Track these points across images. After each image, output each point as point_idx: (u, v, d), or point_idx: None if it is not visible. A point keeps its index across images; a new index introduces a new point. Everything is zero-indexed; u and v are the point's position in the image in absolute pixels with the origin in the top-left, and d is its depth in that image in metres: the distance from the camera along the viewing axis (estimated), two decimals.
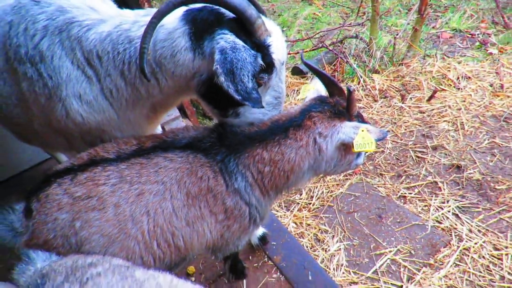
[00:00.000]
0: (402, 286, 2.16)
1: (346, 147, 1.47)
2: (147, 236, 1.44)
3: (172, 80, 1.43)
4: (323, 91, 1.67)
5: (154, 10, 1.46)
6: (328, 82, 1.58)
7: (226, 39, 1.25)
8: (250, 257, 2.24)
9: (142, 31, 1.37)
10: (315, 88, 1.68)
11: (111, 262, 1.11)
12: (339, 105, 1.52)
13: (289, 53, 4.86)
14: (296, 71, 4.48)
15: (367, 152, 1.57)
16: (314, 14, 6.26)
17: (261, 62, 1.29)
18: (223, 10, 1.30)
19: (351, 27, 5.08)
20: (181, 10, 1.36)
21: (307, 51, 4.63)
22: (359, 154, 1.53)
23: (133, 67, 1.43)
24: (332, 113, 1.49)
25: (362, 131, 1.42)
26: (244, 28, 1.29)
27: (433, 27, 5.25)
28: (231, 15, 1.30)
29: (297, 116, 1.50)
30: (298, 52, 4.83)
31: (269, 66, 1.35)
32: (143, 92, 1.50)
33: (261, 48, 1.31)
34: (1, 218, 1.54)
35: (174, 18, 1.33)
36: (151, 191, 1.43)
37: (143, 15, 1.43)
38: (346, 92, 1.49)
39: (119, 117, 1.62)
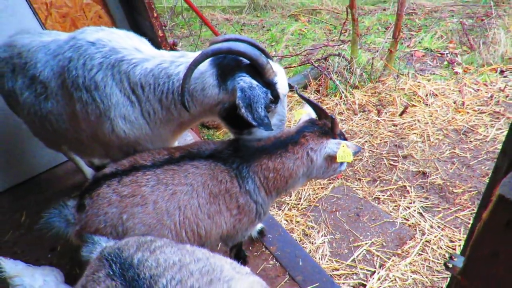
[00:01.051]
0: (375, 271, 2.62)
1: (331, 158, 1.92)
2: (178, 226, 1.85)
3: (200, 107, 1.85)
4: (313, 114, 2.12)
5: (186, 52, 1.90)
6: (316, 107, 2.04)
7: (245, 80, 1.69)
8: (251, 247, 2.66)
9: (179, 69, 1.80)
10: (307, 112, 2.14)
11: (164, 240, 1.52)
12: (325, 126, 1.98)
13: None
14: None
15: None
16: (300, 30, 6.76)
17: (270, 96, 1.73)
18: (241, 58, 1.74)
19: (334, 45, 5.59)
20: None
21: (295, 67, 5.11)
22: (342, 162, 1.98)
23: (169, 96, 1.84)
24: (321, 132, 1.95)
25: (343, 146, 1.88)
26: (257, 71, 1.73)
27: (407, 46, 5.82)
28: (247, 61, 1.73)
29: (294, 134, 1.94)
30: (286, 67, 5.30)
31: (275, 98, 1.79)
32: (175, 114, 1.92)
33: (270, 85, 1.76)
34: (58, 212, 1.92)
35: (205, 62, 1.76)
36: (182, 191, 1.84)
37: (179, 57, 1.85)
38: (330, 117, 1.95)
39: (153, 132, 2.02)
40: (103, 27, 2.01)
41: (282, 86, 1.79)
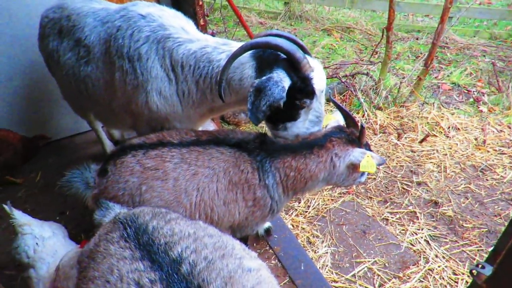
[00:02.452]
0: None
1: (354, 167, 1.94)
2: (193, 207, 1.88)
3: (235, 96, 1.89)
4: (342, 121, 2.14)
5: (229, 41, 1.94)
6: (346, 115, 2.06)
7: (278, 75, 1.71)
8: (255, 244, 2.68)
9: (220, 56, 1.84)
10: (336, 119, 2.16)
11: (177, 214, 1.55)
12: (353, 135, 2.00)
13: None
14: None
15: (369, 173, 2.04)
16: (331, 45, 6.80)
17: (280, 103, 1.72)
18: (279, 52, 1.76)
19: (363, 64, 5.62)
20: None
21: None
22: (362, 173, 2.00)
23: (207, 80, 1.89)
24: (347, 140, 1.96)
25: (368, 156, 1.89)
26: (294, 66, 1.75)
27: (435, 77, 5.81)
28: (284, 56, 1.76)
29: (321, 138, 1.96)
30: None
31: (311, 93, 1.80)
32: (209, 98, 1.96)
33: (306, 80, 1.77)
34: (79, 173, 1.97)
35: (246, 54, 1.79)
36: (203, 173, 1.87)
37: (222, 44, 1.90)
38: (359, 126, 1.97)
39: (183, 112, 2.07)
40: (154, 3, 2.07)
41: (318, 81, 1.80)
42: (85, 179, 1.95)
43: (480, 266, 0.82)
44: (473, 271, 0.83)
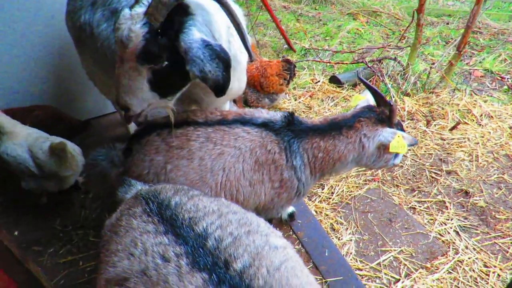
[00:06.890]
0: (399, 279, 2.52)
1: (384, 147, 1.86)
2: (219, 187, 1.84)
3: None
4: (371, 101, 2.05)
5: None
6: (376, 94, 1.97)
7: None
8: (278, 229, 2.62)
9: None
10: (365, 98, 2.07)
11: (199, 191, 1.52)
12: (383, 114, 1.91)
13: (329, 62, 5.23)
14: (333, 80, 4.83)
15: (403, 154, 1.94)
16: (357, 29, 6.59)
17: None
18: None
19: (391, 49, 5.42)
20: None
21: (347, 64, 5.00)
22: (396, 154, 1.91)
23: None
24: (377, 119, 1.88)
25: (398, 136, 1.80)
26: None
27: (467, 64, 5.55)
28: None
29: (350, 118, 1.89)
30: (338, 63, 5.19)
31: None
32: None
33: None
34: (105, 153, 1.96)
35: None
36: (229, 153, 1.82)
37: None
38: (388, 106, 1.87)
39: None
40: None
41: None
42: (110, 157, 1.94)
43: None
44: None
